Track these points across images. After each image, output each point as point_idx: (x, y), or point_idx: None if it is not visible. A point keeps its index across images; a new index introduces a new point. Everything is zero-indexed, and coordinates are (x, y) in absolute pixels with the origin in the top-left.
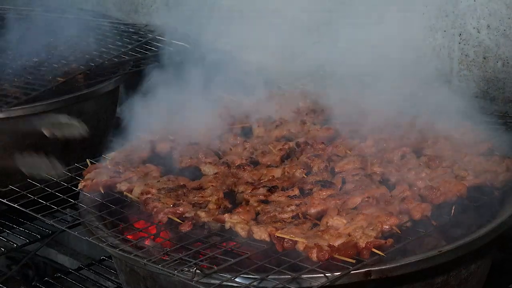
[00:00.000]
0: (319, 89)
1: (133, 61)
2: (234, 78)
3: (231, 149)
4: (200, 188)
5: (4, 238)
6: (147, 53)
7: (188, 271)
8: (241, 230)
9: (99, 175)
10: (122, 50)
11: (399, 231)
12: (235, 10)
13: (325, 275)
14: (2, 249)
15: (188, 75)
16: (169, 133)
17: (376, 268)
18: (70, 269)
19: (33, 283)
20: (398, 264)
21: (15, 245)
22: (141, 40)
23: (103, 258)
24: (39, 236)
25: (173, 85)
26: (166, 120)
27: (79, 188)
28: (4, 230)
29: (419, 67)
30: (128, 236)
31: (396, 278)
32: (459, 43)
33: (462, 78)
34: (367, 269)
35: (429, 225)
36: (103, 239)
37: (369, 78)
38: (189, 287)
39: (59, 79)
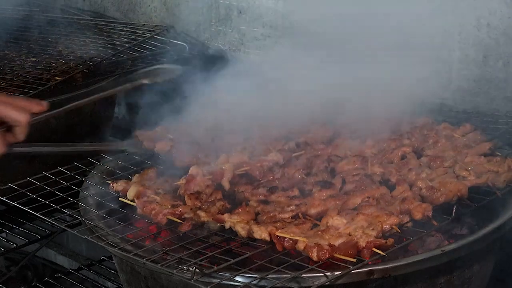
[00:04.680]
0: None
1: (131, 60)
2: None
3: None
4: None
5: (4, 239)
6: (145, 52)
7: (188, 270)
8: (241, 230)
9: None
10: (120, 49)
11: (399, 231)
12: (233, 8)
13: (325, 274)
14: (2, 249)
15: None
16: (169, 131)
17: (379, 267)
18: (70, 269)
19: (32, 284)
20: (401, 263)
21: (14, 245)
22: (138, 40)
23: (103, 258)
24: (38, 237)
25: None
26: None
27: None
28: (3, 230)
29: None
30: (128, 236)
31: (399, 278)
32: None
33: (462, 78)
34: (369, 268)
35: (430, 225)
36: (103, 238)
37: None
38: (190, 287)
39: (57, 78)
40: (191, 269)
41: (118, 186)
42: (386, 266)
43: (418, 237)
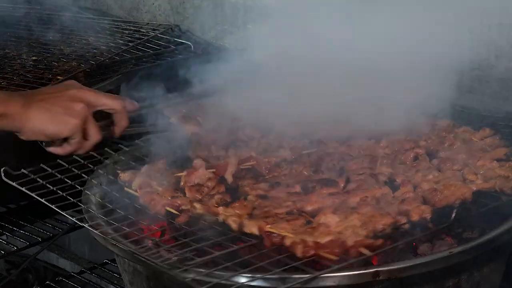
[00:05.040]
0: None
1: (134, 59)
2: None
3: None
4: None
5: (4, 241)
6: (148, 51)
7: (168, 261)
8: (232, 223)
9: None
10: (124, 48)
11: (390, 231)
12: (239, 6)
13: (315, 274)
14: (2, 252)
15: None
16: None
17: (384, 268)
18: (72, 272)
19: (33, 287)
20: (408, 264)
21: (14, 248)
22: (142, 38)
23: (105, 261)
24: (39, 239)
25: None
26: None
27: None
28: (4, 232)
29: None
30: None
31: (405, 280)
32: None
33: (473, 78)
34: (375, 270)
35: (427, 228)
36: (96, 227)
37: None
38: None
39: (59, 77)
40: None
41: (126, 176)
42: (392, 268)
43: (411, 239)
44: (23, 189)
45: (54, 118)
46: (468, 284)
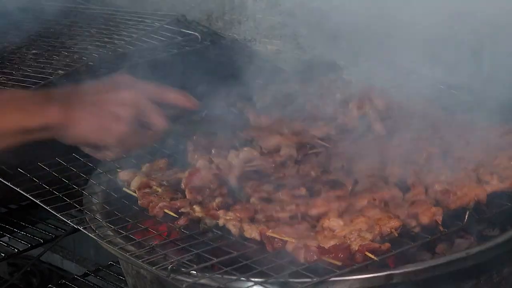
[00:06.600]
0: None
1: (139, 51)
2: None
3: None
4: None
5: (5, 243)
6: (154, 43)
7: (165, 268)
8: (233, 228)
9: None
10: (127, 40)
11: (396, 235)
12: None
13: (312, 278)
14: (3, 254)
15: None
16: None
17: (398, 271)
18: (76, 275)
19: None
20: (423, 267)
21: (16, 250)
22: (147, 30)
23: (110, 263)
24: (42, 241)
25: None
26: None
27: None
28: (5, 234)
29: None
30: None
31: (420, 282)
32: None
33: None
34: (388, 272)
35: (438, 231)
36: (95, 230)
37: None
38: None
39: (60, 71)
40: (169, 267)
41: (125, 175)
42: (406, 270)
43: (419, 244)
44: (19, 189)
45: (99, 126)
46: (488, 285)
